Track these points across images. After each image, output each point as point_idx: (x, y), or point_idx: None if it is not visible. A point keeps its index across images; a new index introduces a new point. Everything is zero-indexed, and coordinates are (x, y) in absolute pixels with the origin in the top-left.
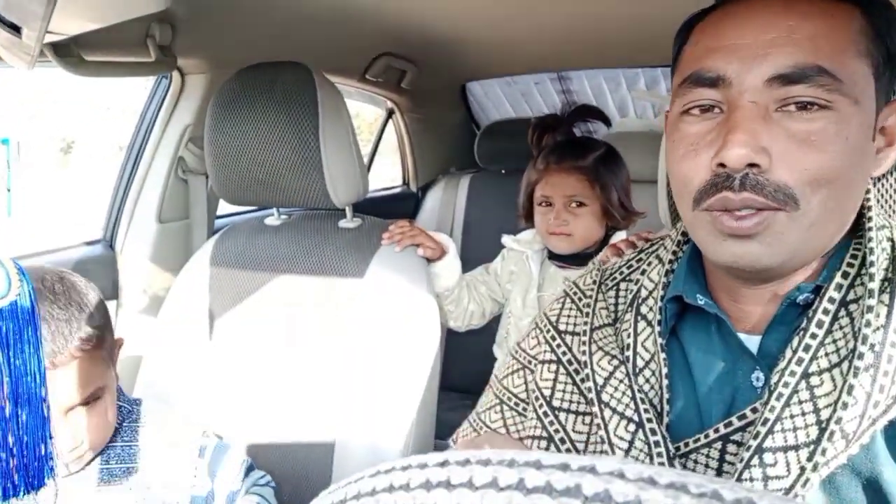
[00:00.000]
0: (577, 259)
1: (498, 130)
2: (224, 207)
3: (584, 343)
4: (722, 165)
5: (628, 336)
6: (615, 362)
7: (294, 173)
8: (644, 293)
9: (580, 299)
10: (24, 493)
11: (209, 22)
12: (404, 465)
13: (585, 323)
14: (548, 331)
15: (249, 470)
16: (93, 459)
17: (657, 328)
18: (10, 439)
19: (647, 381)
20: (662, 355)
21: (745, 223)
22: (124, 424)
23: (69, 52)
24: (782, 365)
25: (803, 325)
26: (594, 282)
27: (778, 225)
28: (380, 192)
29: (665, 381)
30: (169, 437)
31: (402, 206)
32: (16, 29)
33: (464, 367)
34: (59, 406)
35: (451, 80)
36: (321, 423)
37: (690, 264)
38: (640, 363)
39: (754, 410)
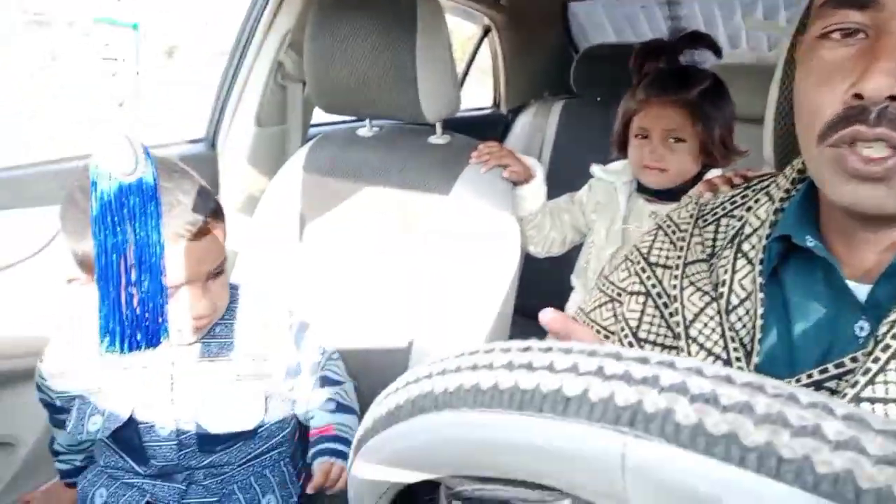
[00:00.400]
0: (668, 193)
1: (597, 55)
2: (319, 116)
3: (675, 277)
4: (859, 96)
5: (725, 272)
6: (706, 298)
7: (389, 84)
8: (748, 230)
9: (674, 232)
10: (145, 348)
11: None
12: (488, 348)
13: (679, 257)
14: (638, 262)
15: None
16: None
17: (758, 267)
18: (135, 300)
19: (740, 319)
20: (760, 295)
21: (874, 167)
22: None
23: None
24: (893, 317)
25: None
26: (691, 216)
27: None
28: (469, 113)
29: (759, 322)
30: (262, 315)
31: (490, 128)
32: None
33: (538, 293)
34: (201, 273)
35: None
36: (399, 331)
37: (803, 204)
38: (734, 300)
39: (854, 360)
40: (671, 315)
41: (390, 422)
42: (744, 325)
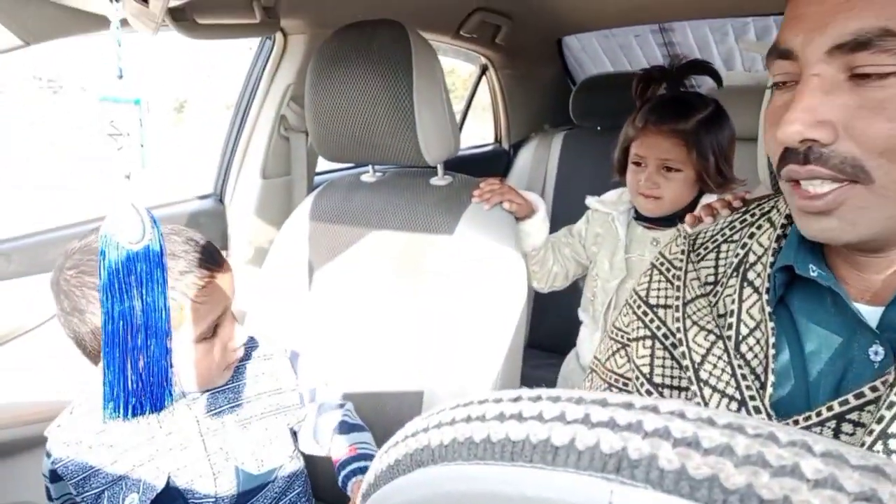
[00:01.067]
0: (666, 220)
1: (594, 85)
2: (323, 164)
3: (677, 319)
4: None
5: (732, 302)
6: (711, 337)
7: (388, 131)
8: (752, 258)
9: (668, 270)
10: (150, 413)
11: None
12: (481, 399)
13: (677, 298)
14: (638, 306)
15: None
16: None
17: (765, 296)
18: (141, 364)
19: (751, 349)
20: (770, 324)
21: (816, 202)
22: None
23: (184, 15)
24: None
25: None
26: (682, 251)
27: (856, 199)
28: (471, 150)
29: (772, 351)
30: (265, 350)
31: (493, 164)
32: (144, 0)
33: (550, 327)
34: (225, 307)
35: (546, 34)
36: (411, 374)
37: None
38: (743, 331)
39: (874, 389)
40: (683, 357)
41: (391, 476)
42: (755, 356)
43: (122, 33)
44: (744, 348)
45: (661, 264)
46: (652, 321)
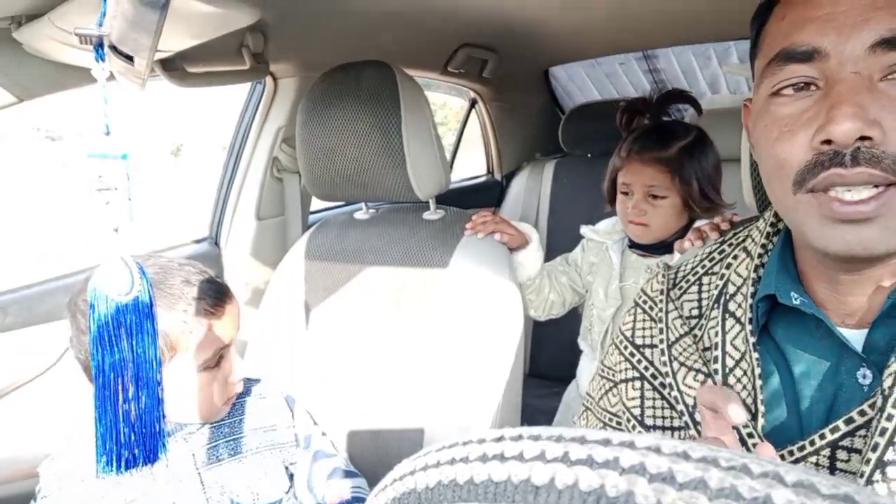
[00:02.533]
0: (659, 247)
1: (583, 114)
2: (317, 203)
3: (664, 364)
4: (827, 142)
5: (716, 334)
6: (700, 377)
7: (379, 169)
8: (731, 289)
9: (651, 308)
10: (143, 465)
11: (297, 28)
12: (465, 440)
13: (661, 340)
14: (625, 347)
15: (349, 475)
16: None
17: (748, 327)
18: (133, 417)
19: (739, 380)
20: (755, 356)
21: (864, 207)
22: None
23: (174, 66)
24: (894, 367)
25: None
26: (661, 291)
27: None
28: (464, 183)
29: (759, 382)
30: (261, 389)
31: (487, 195)
32: (128, 58)
33: (550, 356)
34: (230, 338)
35: (533, 66)
36: (410, 410)
37: (783, 256)
38: (729, 363)
39: (862, 413)
40: (676, 401)
41: None
42: (744, 387)
43: (109, 89)
44: (731, 380)
45: (644, 302)
46: (640, 362)
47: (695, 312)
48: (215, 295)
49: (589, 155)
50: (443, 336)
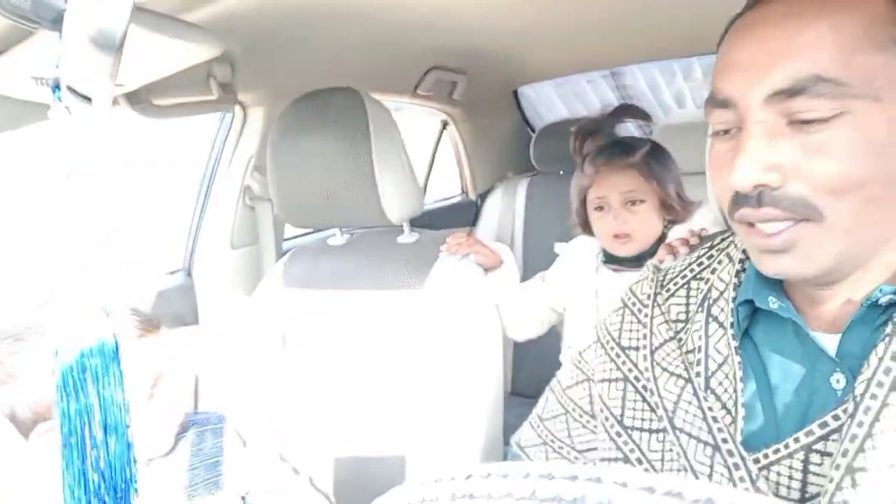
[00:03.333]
0: (633, 261)
1: (553, 132)
2: (292, 230)
3: (646, 368)
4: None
5: (699, 338)
6: (681, 382)
7: (351, 194)
8: (715, 293)
9: (640, 310)
10: None
11: (264, 57)
12: (437, 478)
13: (645, 345)
14: (611, 347)
15: None
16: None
17: (730, 331)
18: (102, 463)
19: (721, 383)
20: (737, 359)
21: (773, 241)
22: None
23: (140, 98)
24: (867, 374)
25: (889, 329)
26: (649, 296)
27: (809, 237)
28: (439, 204)
29: (740, 385)
30: (208, 419)
31: (461, 215)
32: (87, 98)
33: (533, 373)
34: (160, 370)
35: (502, 86)
36: (391, 439)
37: None
38: (712, 366)
39: (836, 418)
40: (656, 406)
41: None
42: (725, 390)
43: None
44: (713, 383)
45: (633, 304)
46: (624, 363)
47: (682, 316)
48: (140, 325)
49: (561, 172)
50: (421, 360)
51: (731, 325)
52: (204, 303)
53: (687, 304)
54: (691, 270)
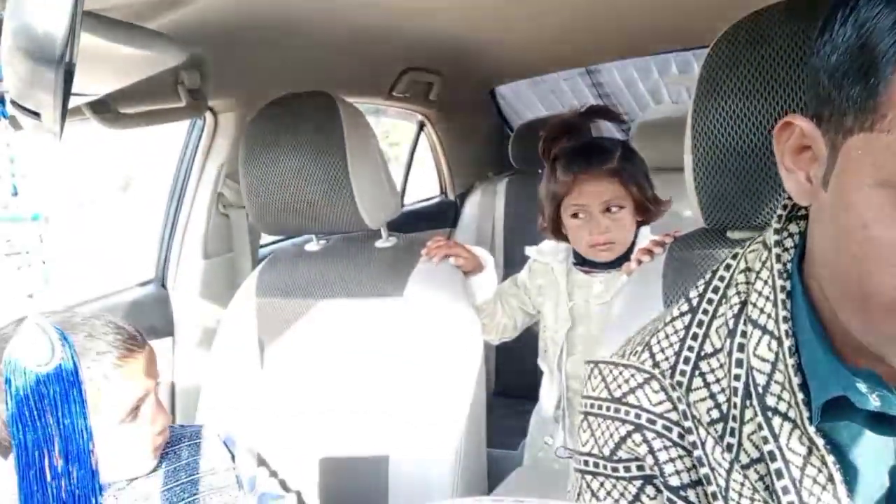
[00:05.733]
0: (604, 263)
1: (530, 131)
2: (268, 237)
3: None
4: None
5: (765, 442)
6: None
7: (326, 200)
8: (760, 378)
9: (668, 429)
10: None
11: (234, 63)
12: None
13: (691, 474)
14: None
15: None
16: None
17: (810, 428)
18: (64, 494)
19: (812, 493)
20: (830, 458)
21: None
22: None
23: (105, 107)
24: None
25: None
26: (670, 404)
27: None
28: (418, 205)
29: (843, 489)
30: (193, 433)
31: (441, 216)
32: (35, 114)
33: (515, 373)
34: (152, 388)
35: (478, 86)
36: (374, 441)
37: (816, 329)
38: (795, 474)
39: None
40: None
41: None
42: (818, 500)
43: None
44: (805, 495)
45: (650, 421)
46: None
47: (715, 415)
48: (124, 346)
49: (539, 171)
50: (403, 365)
51: (809, 419)
52: (179, 314)
53: (712, 397)
54: (689, 349)
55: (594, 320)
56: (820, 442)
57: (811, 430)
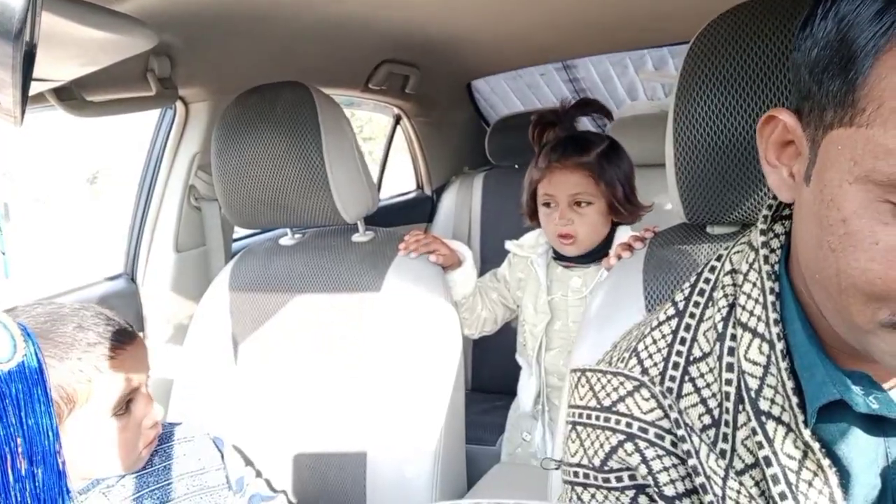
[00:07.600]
0: (584, 258)
1: (507, 126)
2: (241, 230)
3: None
4: None
5: (760, 447)
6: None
7: (301, 193)
8: (752, 382)
9: (660, 437)
10: None
11: (206, 50)
12: None
13: (683, 480)
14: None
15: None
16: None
17: (805, 431)
18: (28, 498)
19: (808, 497)
20: (826, 462)
21: None
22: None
23: (70, 94)
24: None
25: None
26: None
27: None
28: (395, 199)
29: (839, 493)
30: (184, 432)
31: (417, 210)
32: None
33: (493, 368)
34: (138, 382)
35: (455, 80)
36: (352, 437)
37: (807, 330)
38: (792, 478)
39: None
40: None
41: None
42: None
43: None
44: (802, 499)
45: (642, 430)
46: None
47: (707, 420)
48: (115, 337)
49: (516, 166)
50: (380, 360)
51: (804, 422)
52: (150, 309)
53: (703, 402)
54: (678, 353)
55: (571, 315)
56: (816, 445)
57: (806, 433)
